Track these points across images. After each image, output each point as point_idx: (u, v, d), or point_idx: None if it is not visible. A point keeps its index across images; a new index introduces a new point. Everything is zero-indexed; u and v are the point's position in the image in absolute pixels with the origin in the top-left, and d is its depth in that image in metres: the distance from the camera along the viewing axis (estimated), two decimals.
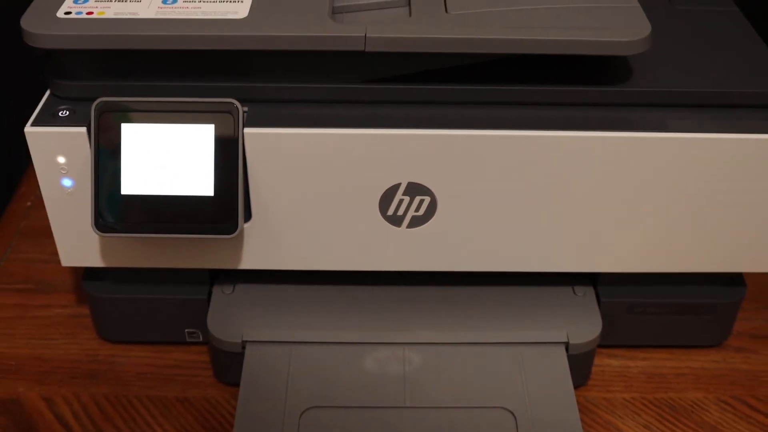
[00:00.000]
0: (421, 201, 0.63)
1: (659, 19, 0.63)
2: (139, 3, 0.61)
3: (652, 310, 0.71)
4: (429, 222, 0.64)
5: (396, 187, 0.62)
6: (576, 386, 0.69)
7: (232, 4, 0.60)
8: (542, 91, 0.62)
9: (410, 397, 0.65)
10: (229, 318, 0.69)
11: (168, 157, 0.60)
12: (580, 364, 0.70)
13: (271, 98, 0.62)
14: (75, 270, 0.81)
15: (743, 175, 0.62)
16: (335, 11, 0.63)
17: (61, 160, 0.61)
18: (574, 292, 0.72)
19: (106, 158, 0.60)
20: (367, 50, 0.58)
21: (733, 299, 0.72)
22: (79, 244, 0.66)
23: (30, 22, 0.59)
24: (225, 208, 0.60)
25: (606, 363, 0.74)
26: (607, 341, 0.72)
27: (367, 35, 0.58)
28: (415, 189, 0.62)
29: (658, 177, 0.62)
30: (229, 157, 0.59)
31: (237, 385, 0.67)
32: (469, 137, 0.60)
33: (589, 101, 0.62)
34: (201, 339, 0.73)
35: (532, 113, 0.61)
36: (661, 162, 0.61)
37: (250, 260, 0.66)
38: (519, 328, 0.69)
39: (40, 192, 0.63)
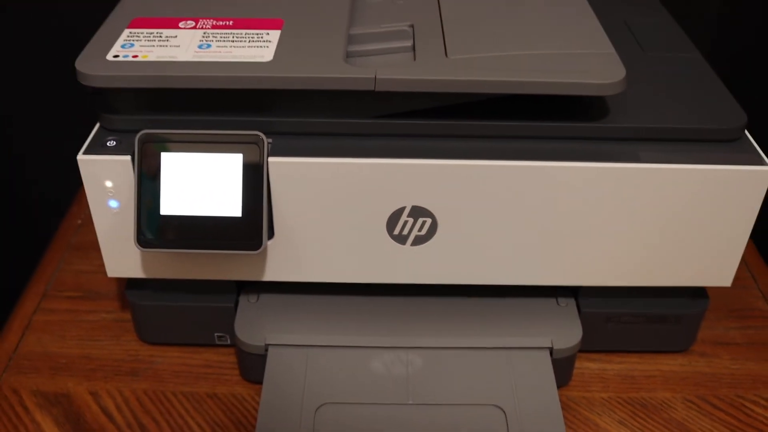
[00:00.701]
0: (424, 222, 0.62)
1: (633, 63, 0.63)
2: (178, 48, 0.61)
3: (626, 320, 0.71)
4: (430, 241, 0.63)
5: (401, 209, 0.62)
6: (559, 386, 0.69)
7: (259, 49, 0.60)
8: (530, 126, 0.61)
9: (412, 395, 0.65)
10: (254, 324, 0.69)
11: (201, 182, 0.59)
12: (563, 367, 0.69)
13: (292, 131, 0.62)
14: (119, 280, 0.81)
15: (707, 201, 0.62)
16: (349, 55, 0.63)
17: (109, 184, 0.61)
18: (558, 303, 0.71)
19: (148, 183, 0.59)
20: (377, 90, 0.58)
21: (698, 310, 0.71)
22: (123, 257, 0.66)
23: (84, 64, 0.59)
24: (251, 227, 0.60)
25: (585, 366, 0.73)
26: (587, 347, 0.71)
27: (377, 77, 0.58)
28: (418, 211, 0.62)
29: (632, 202, 0.61)
30: (255, 183, 0.59)
31: (260, 383, 0.67)
32: (466, 166, 0.60)
33: (572, 135, 0.62)
34: (229, 342, 0.73)
35: (521, 145, 0.61)
36: (635, 189, 0.61)
37: (273, 273, 0.66)
38: (509, 334, 0.69)
39: (89, 211, 0.63)
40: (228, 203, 0.59)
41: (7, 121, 1.18)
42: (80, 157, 0.60)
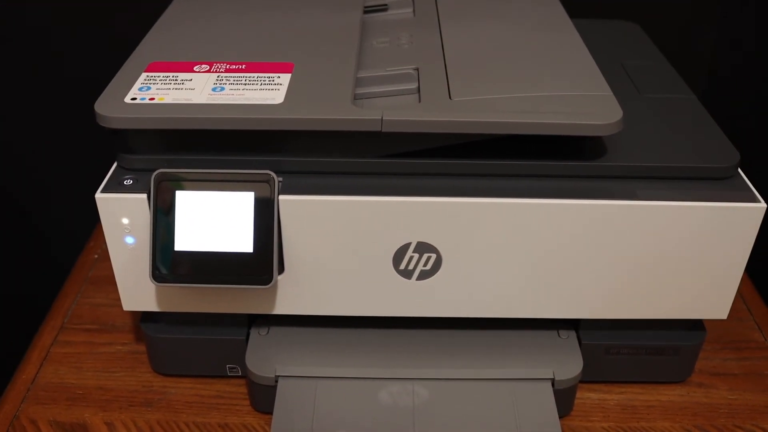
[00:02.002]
0: (429, 257, 0.62)
1: (629, 105, 0.63)
2: (192, 90, 0.61)
3: (626, 351, 0.70)
4: (435, 275, 0.63)
5: (407, 245, 0.62)
6: (561, 416, 0.68)
7: (270, 91, 0.61)
8: (531, 165, 0.62)
9: (418, 426, 0.64)
10: (264, 356, 0.68)
11: (214, 220, 0.60)
12: (564, 397, 0.69)
13: (302, 170, 0.62)
14: (134, 313, 0.81)
15: (702, 237, 0.61)
16: (356, 97, 0.63)
17: (125, 221, 0.61)
18: (559, 335, 0.71)
19: (163, 220, 0.60)
20: (383, 131, 0.59)
21: (695, 342, 0.71)
22: (138, 291, 0.65)
23: (102, 107, 0.59)
24: (262, 262, 0.60)
25: (586, 396, 0.72)
26: (588, 377, 0.71)
27: (383, 118, 0.58)
28: (423, 247, 0.62)
29: (630, 238, 0.61)
30: (265, 220, 0.59)
31: (271, 413, 0.66)
32: (469, 204, 0.60)
33: (571, 174, 0.62)
34: (240, 373, 0.72)
35: (522, 184, 0.61)
36: (633, 226, 0.61)
37: (283, 306, 0.66)
38: (512, 366, 0.68)
39: (106, 246, 0.63)
40: (240, 239, 0.59)
41: (28, 160, 1.18)
42: (98, 195, 0.60)
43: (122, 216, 0.61)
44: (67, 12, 1.07)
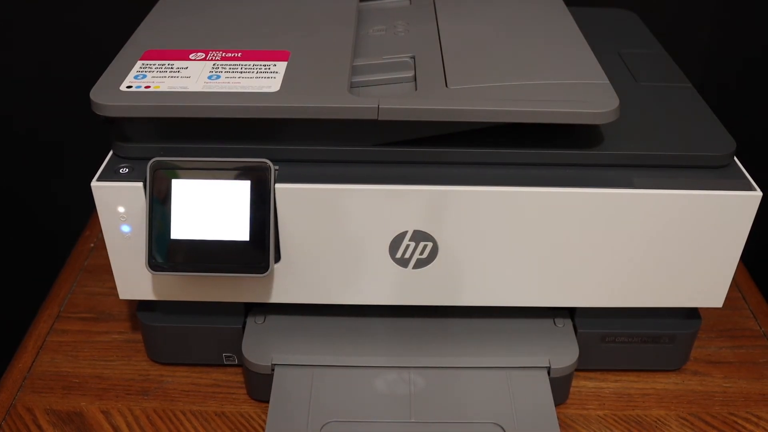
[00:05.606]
0: (425, 246, 0.62)
1: (626, 93, 0.63)
2: (188, 78, 0.61)
3: (621, 339, 0.71)
4: (431, 264, 0.63)
5: (403, 234, 0.62)
6: (556, 404, 0.68)
7: (266, 80, 0.61)
8: (528, 153, 0.61)
9: (415, 414, 0.65)
10: (261, 344, 0.69)
11: (211, 208, 0.59)
12: (560, 386, 0.69)
13: (298, 159, 0.62)
14: (130, 302, 0.81)
15: (698, 225, 0.62)
16: (353, 86, 0.63)
17: (121, 209, 0.61)
18: (555, 324, 0.71)
19: (159, 208, 0.60)
20: (379, 119, 0.58)
21: (691, 330, 0.71)
22: (134, 280, 0.65)
23: (98, 95, 0.59)
24: (258, 251, 0.60)
25: (582, 384, 0.73)
26: (583, 366, 0.71)
27: (379, 106, 0.58)
28: (419, 236, 0.62)
29: (627, 226, 0.61)
30: (262, 208, 0.59)
31: (267, 401, 0.66)
32: (465, 192, 0.60)
33: (567, 162, 0.62)
34: (236, 362, 0.73)
35: (519, 172, 0.61)
36: (629, 214, 0.61)
37: (279, 295, 0.66)
38: (508, 354, 0.68)
39: (101, 235, 0.63)
40: (236, 228, 0.59)
41: (24, 148, 1.18)
42: (94, 183, 0.60)
43: (118, 204, 0.61)
44: None
